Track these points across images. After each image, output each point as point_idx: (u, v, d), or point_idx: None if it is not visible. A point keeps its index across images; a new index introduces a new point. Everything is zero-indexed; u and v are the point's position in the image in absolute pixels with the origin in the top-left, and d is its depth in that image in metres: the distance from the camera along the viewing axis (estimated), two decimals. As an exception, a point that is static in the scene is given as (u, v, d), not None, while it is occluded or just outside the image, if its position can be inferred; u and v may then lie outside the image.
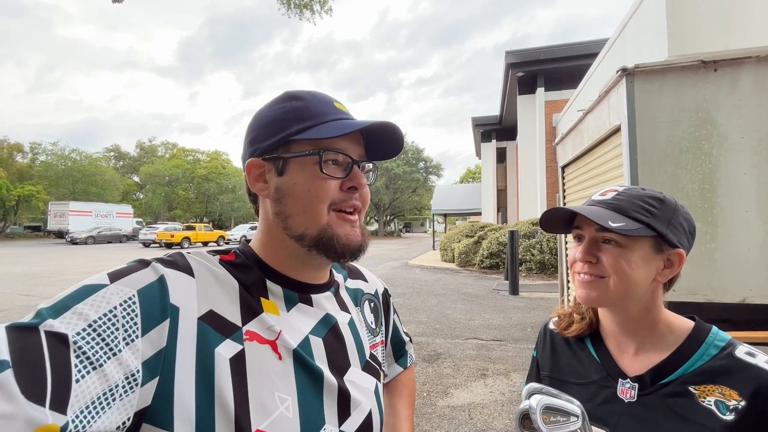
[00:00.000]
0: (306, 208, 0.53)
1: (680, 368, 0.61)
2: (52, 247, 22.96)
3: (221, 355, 0.45)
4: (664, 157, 2.48)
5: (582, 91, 9.05)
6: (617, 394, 0.65)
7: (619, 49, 6.83)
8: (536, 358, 0.83)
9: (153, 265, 0.47)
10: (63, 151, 34.93)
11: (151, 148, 49.45)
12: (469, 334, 5.12)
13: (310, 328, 0.56)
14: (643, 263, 0.62)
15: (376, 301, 0.75)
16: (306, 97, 0.56)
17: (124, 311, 0.41)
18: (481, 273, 11.16)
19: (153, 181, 41.95)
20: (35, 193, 30.56)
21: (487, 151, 21.30)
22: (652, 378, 0.63)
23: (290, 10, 9.19)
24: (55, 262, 14.04)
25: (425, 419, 2.96)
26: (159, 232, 23.11)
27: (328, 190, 0.53)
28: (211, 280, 0.50)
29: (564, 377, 0.74)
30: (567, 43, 13.25)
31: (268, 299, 0.54)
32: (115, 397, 0.38)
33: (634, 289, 0.62)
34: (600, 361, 0.70)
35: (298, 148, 0.53)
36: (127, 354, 0.39)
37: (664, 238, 0.62)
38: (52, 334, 0.36)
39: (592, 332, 0.74)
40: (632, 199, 0.64)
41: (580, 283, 0.66)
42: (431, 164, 40.53)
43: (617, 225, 0.60)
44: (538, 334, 0.86)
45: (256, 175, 0.55)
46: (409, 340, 0.87)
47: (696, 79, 2.45)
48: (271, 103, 0.57)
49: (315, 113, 0.54)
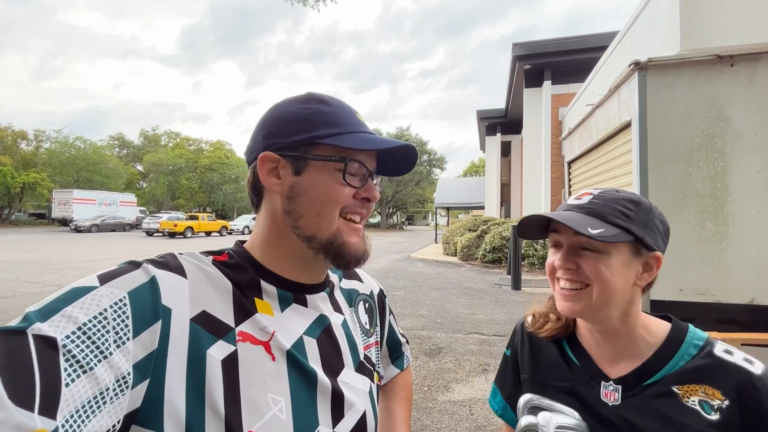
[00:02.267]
0: (321, 210, 0.53)
1: (662, 369, 0.61)
2: (57, 234, 23.09)
3: (213, 357, 0.45)
4: (675, 154, 2.43)
5: (590, 85, 8.92)
6: (600, 397, 0.64)
7: (629, 42, 6.70)
8: (511, 357, 0.81)
9: (144, 266, 0.46)
10: (67, 139, 34.93)
11: (155, 136, 49.38)
12: (471, 329, 5.12)
13: (304, 329, 0.55)
14: (623, 268, 0.61)
15: (371, 302, 0.74)
16: (332, 102, 0.56)
17: (115, 313, 0.40)
18: (484, 267, 11.14)
19: (156, 170, 42.00)
20: (40, 180, 30.65)
21: (491, 144, 21.14)
22: (635, 380, 0.62)
23: (294, -3, 9.04)
24: (60, 250, 14.13)
25: (426, 414, 2.96)
26: (162, 221, 23.18)
27: (345, 195, 0.54)
28: (203, 280, 0.50)
29: (545, 380, 0.72)
30: (575, 35, 13.03)
31: (262, 299, 0.53)
32: (106, 401, 0.37)
33: (615, 295, 0.62)
34: (580, 363, 0.69)
35: (323, 152, 0.54)
36: (117, 357, 0.39)
37: (642, 242, 0.61)
38: (40, 338, 0.35)
39: (568, 335, 0.73)
40: (609, 203, 0.62)
41: (563, 296, 0.65)
42: (435, 157, 40.36)
43: (596, 232, 0.59)
44: (513, 332, 0.84)
45: (269, 169, 0.55)
46: (406, 342, 0.87)
47: (711, 74, 2.38)
48: (293, 101, 0.57)
49: (342, 121, 0.55)
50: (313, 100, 0.56)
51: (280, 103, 0.58)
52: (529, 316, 0.79)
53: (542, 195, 13.31)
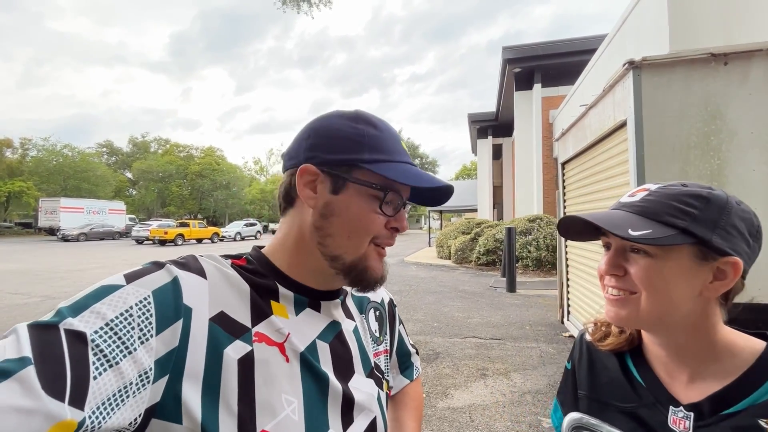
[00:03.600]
0: (351, 235, 0.54)
1: (748, 397, 0.52)
2: (44, 244, 22.59)
3: (230, 356, 0.46)
4: (672, 152, 2.42)
5: (580, 86, 9.00)
6: (668, 423, 0.56)
7: (618, 44, 6.77)
8: (571, 371, 0.73)
9: (167, 267, 0.48)
10: (54, 147, 34.32)
11: (144, 143, 48.74)
12: (468, 333, 5.07)
13: (318, 333, 0.56)
14: (683, 276, 0.52)
15: (381, 310, 0.74)
16: (381, 126, 0.57)
17: (140, 311, 0.42)
18: (478, 270, 11.13)
19: (146, 178, 41.42)
20: (26, 189, 30.05)
21: (483, 147, 21.26)
22: (711, 407, 0.53)
23: (286, 4, 8.99)
24: (47, 259, 13.79)
25: (425, 422, 2.90)
26: (152, 229, 22.81)
27: (378, 225, 0.55)
28: (222, 282, 0.51)
29: (605, 399, 0.64)
30: (564, 39, 13.19)
31: (278, 302, 0.54)
32: (129, 395, 0.38)
33: (673, 307, 0.53)
34: (644, 383, 0.60)
35: (365, 177, 0.54)
36: (141, 352, 0.40)
37: (708, 245, 0.51)
38: (71, 332, 0.37)
39: (632, 348, 0.64)
40: (665, 200, 0.54)
41: (608, 299, 0.58)
42: (427, 161, 40.51)
43: (639, 233, 0.51)
44: (574, 344, 0.75)
45: (307, 181, 0.55)
46: (416, 352, 0.85)
47: (705, 72, 2.38)
48: (341, 117, 0.57)
49: (387, 148, 0.55)
50: (362, 120, 0.56)
51: (328, 115, 0.58)
52: (590, 324, 0.71)
53: (534, 197, 13.38)
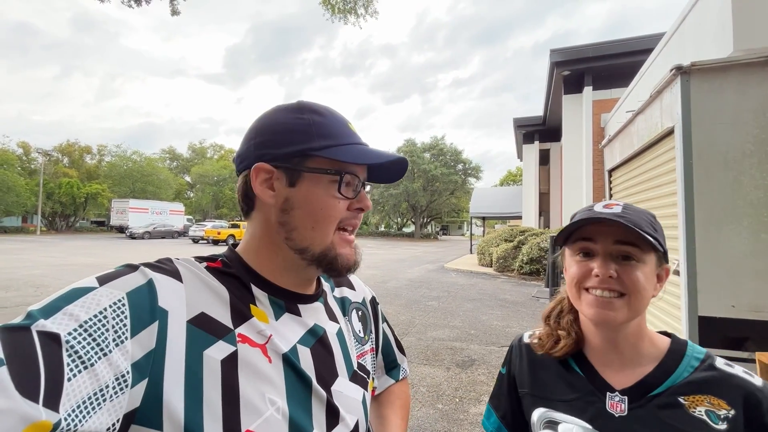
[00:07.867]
0: (315, 225, 0.54)
1: (668, 380, 0.62)
2: (114, 241, 25.04)
3: (211, 357, 0.46)
4: (724, 161, 2.29)
5: (633, 90, 8.51)
6: (606, 408, 0.63)
7: (676, 44, 6.35)
8: (506, 374, 0.79)
9: (141, 269, 0.47)
10: (125, 153, 38.10)
11: (202, 149, 52.54)
12: (505, 342, 4.98)
13: (298, 338, 0.55)
14: (651, 279, 0.63)
15: (364, 310, 0.74)
16: (324, 113, 0.56)
17: (114, 312, 0.41)
18: (520, 279, 10.80)
19: (202, 181, 44.50)
20: (101, 191, 33.58)
21: (529, 152, 20.56)
22: (640, 390, 0.62)
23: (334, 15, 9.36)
24: (117, 255, 15.30)
25: (456, 425, 2.93)
26: (207, 230, 24.44)
27: (340, 209, 0.55)
28: (200, 285, 0.50)
29: (547, 394, 0.70)
30: (617, 39, 12.51)
31: (257, 307, 0.54)
32: (105, 398, 0.38)
33: (644, 306, 0.62)
34: (584, 375, 0.68)
35: (318, 164, 0.54)
36: (116, 355, 0.39)
37: (665, 254, 0.64)
38: (44, 334, 0.37)
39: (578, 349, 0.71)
40: (639, 214, 0.63)
41: (598, 302, 0.62)
42: (470, 166, 39.73)
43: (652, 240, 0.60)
44: (510, 349, 0.81)
45: (263, 179, 0.55)
46: (402, 354, 0.85)
47: (763, 76, 2.24)
48: (283, 111, 0.56)
49: (335, 132, 0.55)
50: (306, 110, 0.55)
51: (271, 111, 0.57)
52: (533, 339, 0.77)
53: (583, 204, 12.69)
